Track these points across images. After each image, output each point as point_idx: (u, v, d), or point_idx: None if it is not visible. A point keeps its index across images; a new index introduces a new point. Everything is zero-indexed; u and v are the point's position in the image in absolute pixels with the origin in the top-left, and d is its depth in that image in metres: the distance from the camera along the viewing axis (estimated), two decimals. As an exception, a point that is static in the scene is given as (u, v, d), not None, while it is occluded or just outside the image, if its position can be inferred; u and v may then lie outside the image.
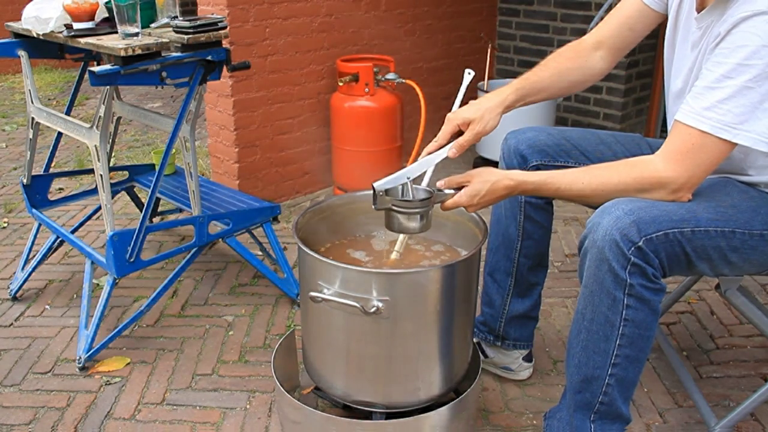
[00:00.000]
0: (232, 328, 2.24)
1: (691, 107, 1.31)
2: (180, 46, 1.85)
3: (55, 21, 1.96)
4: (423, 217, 1.47)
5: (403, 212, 1.45)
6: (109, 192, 1.94)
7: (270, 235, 2.34)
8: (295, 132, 3.14)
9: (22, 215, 3.15)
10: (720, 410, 1.81)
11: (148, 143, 4.24)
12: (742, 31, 1.26)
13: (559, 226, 2.91)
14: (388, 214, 1.47)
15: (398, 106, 3.07)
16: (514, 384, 1.94)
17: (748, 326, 2.21)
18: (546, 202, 1.75)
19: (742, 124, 1.27)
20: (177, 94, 5.22)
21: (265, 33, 2.88)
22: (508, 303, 1.84)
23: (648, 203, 1.33)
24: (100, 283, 2.41)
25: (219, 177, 3.09)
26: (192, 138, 2.09)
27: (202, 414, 1.84)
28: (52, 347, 2.13)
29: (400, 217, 1.46)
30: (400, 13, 3.40)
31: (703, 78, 1.32)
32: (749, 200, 1.43)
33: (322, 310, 1.53)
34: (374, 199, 1.43)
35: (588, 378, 1.42)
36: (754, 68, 1.24)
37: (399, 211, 1.45)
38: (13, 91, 5.74)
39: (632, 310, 1.33)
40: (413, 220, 1.46)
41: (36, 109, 2.18)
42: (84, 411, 1.85)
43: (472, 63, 3.78)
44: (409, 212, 1.45)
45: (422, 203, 1.45)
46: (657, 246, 1.30)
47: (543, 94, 1.65)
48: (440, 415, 1.58)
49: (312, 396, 1.82)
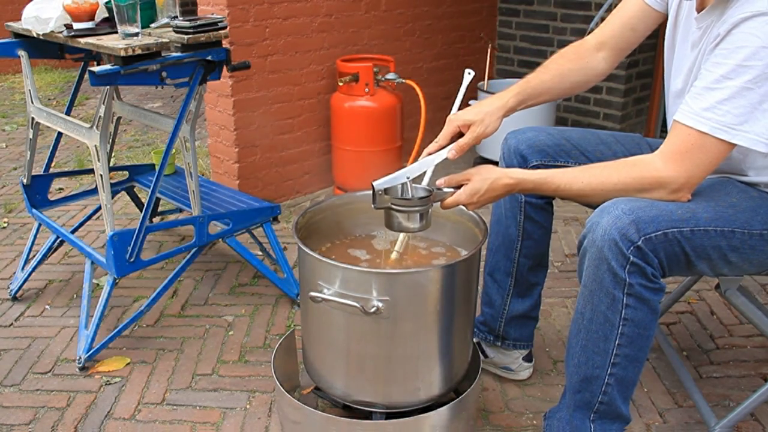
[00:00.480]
0: (232, 328, 2.24)
1: (690, 108, 1.31)
2: (180, 46, 1.85)
3: (55, 21, 1.96)
4: (422, 216, 1.47)
5: (402, 211, 1.45)
6: (109, 192, 1.94)
7: (270, 235, 2.34)
8: (295, 132, 3.14)
9: (22, 215, 3.15)
10: (720, 410, 1.81)
11: (148, 143, 4.24)
12: (741, 32, 1.26)
13: (559, 226, 2.91)
14: (388, 213, 1.48)
15: (398, 106, 3.07)
16: (514, 384, 1.94)
17: (748, 326, 2.21)
18: (546, 202, 1.75)
19: (741, 125, 1.27)
20: (177, 94, 5.22)
21: (265, 33, 2.88)
22: (508, 303, 1.84)
23: (647, 203, 1.33)
24: (100, 283, 2.41)
25: (219, 177, 3.09)
26: (192, 138, 2.09)
27: (202, 414, 1.84)
28: (52, 347, 2.13)
29: (400, 216, 1.46)
30: (400, 13, 3.40)
31: (702, 78, 1.32)
32: (749, 200, 1.43)
33: (322, 310, 1.53)
34: (373, 198, 1.44)
35: (587, 377, 1.42)
36: (754, 69, 1.24)
37: (398, 210, 1.45)
38: (13, 91, 5.74)
39: (631, 310, 1.33)
40: (412, 219, 1.46)
41: (36, 109, 2.18)
42: (84, 411, 1.85)
43: (472, 63, 3.78)
44: (408, 211, 1.45)
45: (421, 202, 1.45)
46: (656, 245, 1.30)
47: (544, 96, 1.66)
48: (440, 415, 1.58)
49: (312, 396, 1.82)
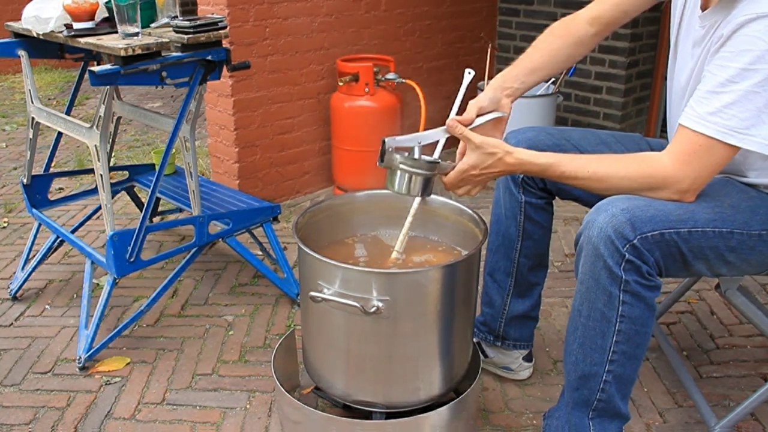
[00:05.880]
0: (232, 328, 2.24)
1: (696, 112, 1.30)
2: (180, 46, 1.85)
3: (55, 21, 1.96)
4: (426, 183, 1.47)
5: (407, 171, 1.44)
6: (109, 192, 1.94)
7: (270, 235, 2.34)
8: (295, 132, 3.14)
9: (22, 215, 3.15)
10: (720, 410, 1.81)
11: (148, 143, 4.24)
12: (746, 34, 1.25)
13: (559, 226, 2.91)
14: (392, 173, 1.46)
15: (398, 106, 3.07)
16: (514, 384, 1.95)
17: (748, 326, 2.21)
18: (546, 202, 1.75)
19: (748, 129, 1.26)
20: (177, 94, 5.22)
21: (265, 33, 2.88)
22: (508, 303, 1.84)
23: (645, 202, 1.33)
24: (100, 283, 2.41)
25: (219, 177, 3.09)
26: (192, 138, 2.09)
27: (202, 414, 1.84)
28: (52, 347, 2.13)
29: (405, 177, 1.45)
30: (400, 13, 3.40)
31: (706, 81, 1.31)
32: (748, 200, 1.42)
33: (322, 310, 1.53)
34: (381, 155, 1.42)
35: (585, 375, 1.42)
36: (760, 73, 1.23)
37: (404, 169, 1.44)
38: (13, 91, 5.74)
39: (628, 306, 1.33)
40: (416, 182, 1.46)
41: (36, 109, 2.18)
42: (84, 411, 1.85)
43: (472, 63, 3.78)
44: (414, 172, 1.44)
45: (428, 165, 1.45)
46: (652, 245, 1.30)
47: (538, 74, 1.65)
48: (440, 415, 1.58)
49: (312, 396, 1.82)
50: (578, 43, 1.65)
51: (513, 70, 1.62)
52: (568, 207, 2.97)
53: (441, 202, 1.74)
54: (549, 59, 1.65)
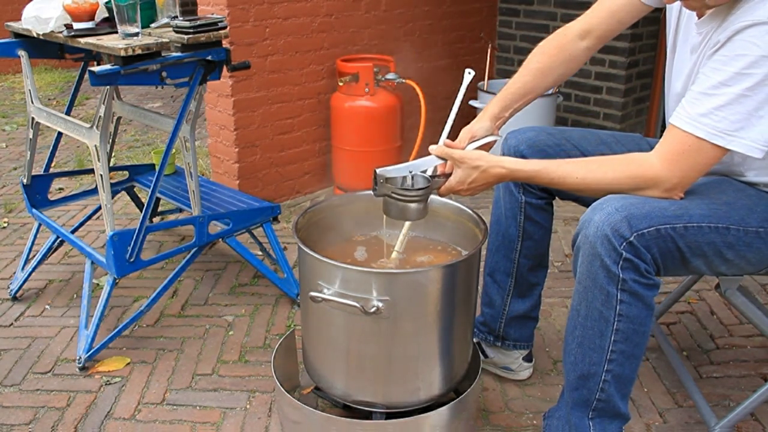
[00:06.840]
0: (232, 328, 2.24)
1: (687, 112, 1.32)
2: (180, 46, 1.85)
3: (55, 21, 1.96)
4: (420, 206, 1.52)
5: (401, 200, 1.50)
6: (109, 192, 1.94)
7: (270, 235, 2.34)
8: (295, 132, 3.14)
9: (22, 215, 3.15)
10: (720, 410, 1.80)
11: (148, 143, 4.24)
12: (741, 39, 1.26)
13: (559, 226, 2.91)
14: (386, 201, 1.53)
15: (398, 106, 3.07)
16: (514, 384, 1.95)
17: (748, 326, 2.21)
18: (546, 202, 1.75)
19: (737, 131, 1.27)
20: (177, 94, 5.22)
21: (265, 33, 2.88)
22: (508, 303, 1.84)
23: (640, 200, 1.34)
24: (100, 283, 2.41)
25: (219, 177, 3.09)
26: (192, 138, 2.09)
27: (202, 414, 1.84)
28: (52, 347, 2.13)
29: (399, 204, 1.51)
30: (400, 13, 3.40)
31: (699, 83, 1.32)
32: (746, 198, 1.43)
33: (322, 310, 1.53)
34: (374, 185, 1.49)
35: (584, 375, 1.42)
36: (753, 77, 1.24)
37: (397, 199, 1.50)
38: (13, 91, 5.74)
39: (626, 305, 1.34)
40: (410, 209, 1.51)
41: (36, 109, 2.18)
42: (84, 411, 1.85)
43: (472, 63, 3.77)
44: (407, 200, 1.50)
45: (420, 192, 1.50)
46: (649, 241, 1.31)
47: (530, 96, 1.68)
48: (440, 415, 1.58)
49: (312, 396, 1.82)
50: (570, 59, 1.67)
51: (506, 98, 1.67)
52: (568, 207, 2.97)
53: (441, 202, 1.74)
54: (541, 81, 1.68)
